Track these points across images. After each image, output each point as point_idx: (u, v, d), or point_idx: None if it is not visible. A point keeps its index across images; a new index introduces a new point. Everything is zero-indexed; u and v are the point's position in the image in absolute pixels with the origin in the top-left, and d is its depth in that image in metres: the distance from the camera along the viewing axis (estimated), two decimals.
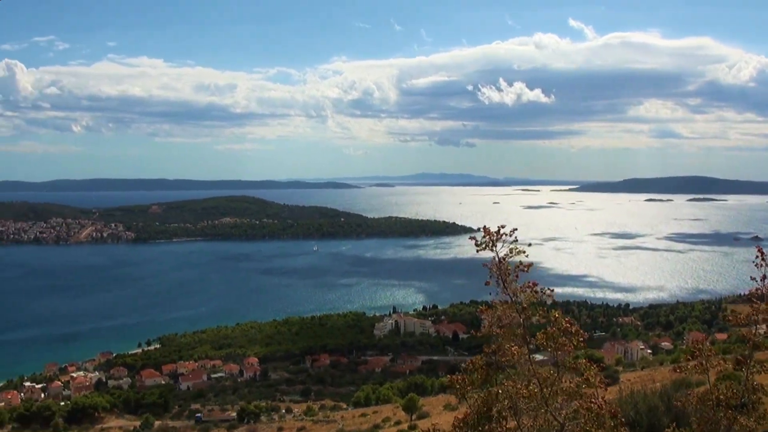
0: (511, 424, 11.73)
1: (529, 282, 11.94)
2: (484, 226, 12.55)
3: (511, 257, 12.05)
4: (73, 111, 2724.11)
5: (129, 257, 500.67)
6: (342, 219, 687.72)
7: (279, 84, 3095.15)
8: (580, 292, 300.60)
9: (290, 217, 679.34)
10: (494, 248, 12.07)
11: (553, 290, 12.14)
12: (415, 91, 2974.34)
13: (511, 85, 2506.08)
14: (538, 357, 12.54)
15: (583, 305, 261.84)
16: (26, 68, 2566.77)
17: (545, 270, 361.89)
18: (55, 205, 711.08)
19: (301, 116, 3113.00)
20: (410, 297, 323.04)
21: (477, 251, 12.25)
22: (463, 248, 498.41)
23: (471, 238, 12.62)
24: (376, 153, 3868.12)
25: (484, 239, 12.22)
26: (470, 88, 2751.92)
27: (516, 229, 12.38)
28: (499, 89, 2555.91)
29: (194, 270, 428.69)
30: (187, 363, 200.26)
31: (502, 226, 12.38)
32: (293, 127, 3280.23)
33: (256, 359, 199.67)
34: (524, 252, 12.03)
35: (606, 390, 11.62)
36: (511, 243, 12.06)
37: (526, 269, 12.01)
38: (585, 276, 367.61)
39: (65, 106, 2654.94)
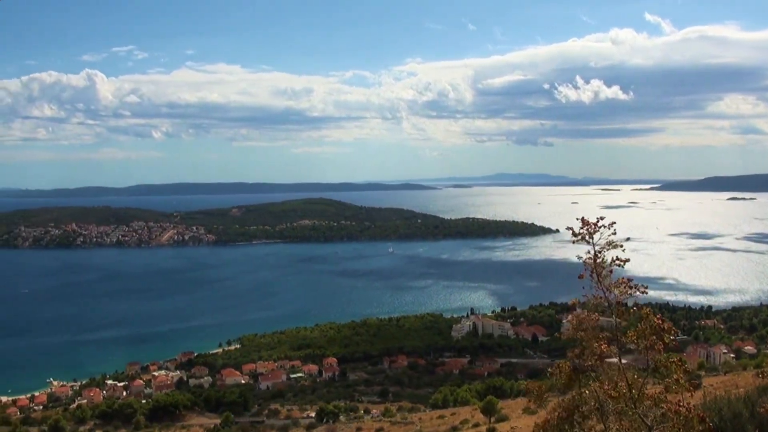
0: (597, 426, 11.37)
1: (622, 278, 11.56)
2: (582, 217, 12.18)
3: (608, 250, 11.67)
4: (152, 118, 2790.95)
5: (208, 259, 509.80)
6: (419, 220, 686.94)
7: (354, 87, 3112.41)
8: (660, 294, 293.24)
9: (367, 219, 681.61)
10: (591, 240, 11.71)
11: (647, 287, 11.73)
12: (491, 91, 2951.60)
13: (588, 82, 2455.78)
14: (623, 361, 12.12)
15: (665, 307, 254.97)
16: (106, 78, 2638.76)
17: (621, 272, 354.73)
18: (137, 209, 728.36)
19: (377, 118, 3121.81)
20: (487, 299, 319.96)
21: (573, 242, 11.90)
22: (541, 249, 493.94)
23: (568, 228, 12.31)
24: (452, 154, 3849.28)
25: (581, 230, 11.86)
26: (547, 86, 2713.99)
27: (614, 222, 12.00)
28: (576, 87, 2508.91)
29: (272, 272, 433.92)
30: (266, 363, 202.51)
31: (601, 218, 12.01)
32: (369, 129, 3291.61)
33: (335, 360, 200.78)
34: (621, 246, 11.65)
35: (692, 394, 11.20)
36: (609, 236, 11.71)
37: (622, 264, 11.62)
38: (663, 278, 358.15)
39: (145, 114, 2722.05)
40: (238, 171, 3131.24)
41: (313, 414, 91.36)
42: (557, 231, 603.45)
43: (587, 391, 11.24)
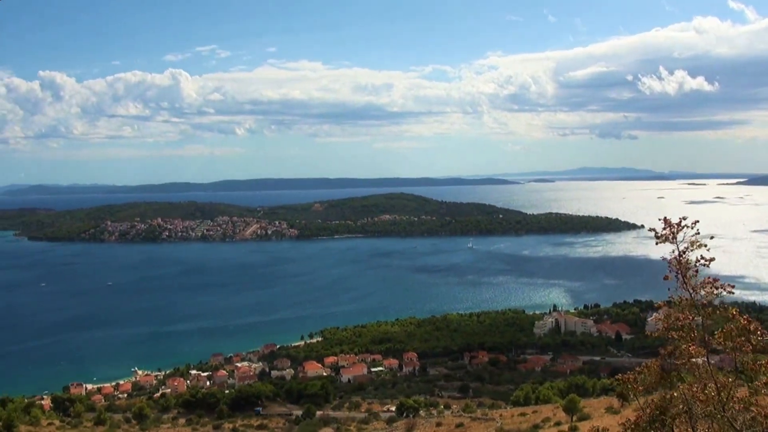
0: (685, 428, 11.15)
1: (708, 278, 11.30)
2: (665, 217, 11.96)
3: (692, 250, 11.43)
4: (236, 115, 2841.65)
5: (289, 254, 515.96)
6: (500, 215, 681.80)
7: (435, 81, 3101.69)
8: (746, 293, 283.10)
9: (448, 214, 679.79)
10: (674, 240, 11.48)
11: (733, 286, 11.46)
12: (573, 84, 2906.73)
13: (672, 73, 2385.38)
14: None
15: (752, 307, 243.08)
16: (190, 76, 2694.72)
17: (707, 271, 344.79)
18: (221, 204, 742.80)
19: (458, 113, 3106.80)
20: (568, 296, 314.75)
21: (656, 243, 11.70)
22: (624, 246, 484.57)
23: (650, 230, 12.09)
24: (534, 148, 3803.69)
25: (664, 231, 11.64)
26: (630, 78, 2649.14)
27: (698, 221, 11.74)
28: (660, 78, 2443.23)
29: (351, 267, 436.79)
30: (347, 356, 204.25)
31: (684, 218, 11.76)
32: (450, 123, 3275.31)
33: (416, 354, 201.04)
34: (706, 246, 11.39)
35: None
36: (693, 236, 11.46)
37: (707, 263, 11.37)
38: (748, 276, 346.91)
39: (228, 111, 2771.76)
40: (320, 166, 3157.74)
41: (393, 408, 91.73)
42: (641, 227, 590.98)
43: (675, 393, 11.04)
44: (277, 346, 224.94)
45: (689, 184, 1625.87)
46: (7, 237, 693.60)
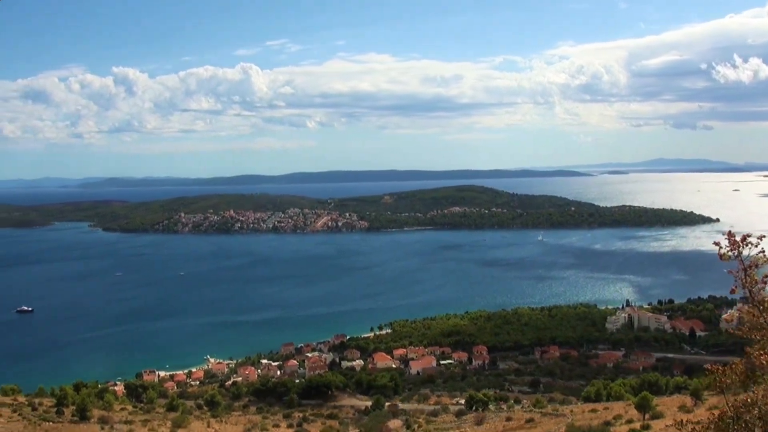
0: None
1: None
2: (729, 232, 11.65)
3: (759, 267, 11.09)
4: (306, 108, 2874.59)
5: (358, 246, 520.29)
6: (572, 208, 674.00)
7: (505, 72, 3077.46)
8: None
9: (519, 207, 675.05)
10: (740, 257, 11.17)
11: None
12: (647, 73, 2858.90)
13: (746, 61, 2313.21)
14: None
15: None
16: (261, 70, 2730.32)
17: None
18: (292, 197, 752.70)
19: (529, 104, 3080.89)
20: (640, 291, 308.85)
21: (720, 259, 11.41)
22: (699, 240, 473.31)
23: (715, 243, 11.78)
24: (607, 139, 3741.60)
25: (728, 250, 11.34)
26: (704, 66, 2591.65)
27: (764, 237, 11.38)
28: (734, 66, 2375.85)
29: (419, 259, 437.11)
30: (417, 348, 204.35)
31: (748, 235, 11.42)
32: (521, 115, 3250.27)
33: (485, 348, 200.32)
34: None
35: None
36: (759, 252, 11.11)
37: None
38: None
39: (299, 104, 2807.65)
40: (389, 159, 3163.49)
41: (462, 401, 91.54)
42: (717, 220, 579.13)
43: (761, 394, 10.71)
44: (347, 337, 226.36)
45: (765, 176, 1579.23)
46: (82, 228, 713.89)
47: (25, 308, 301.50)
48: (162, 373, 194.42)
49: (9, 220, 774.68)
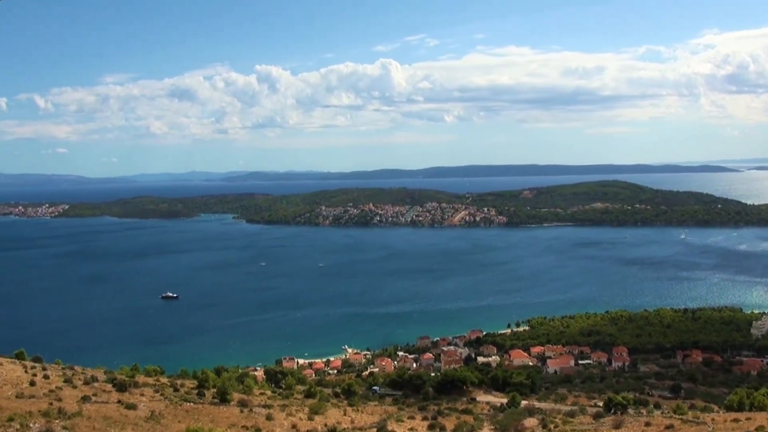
0: None
1: None
2: None
3: None
4: (444, 102, 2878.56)
5: (493, 241, 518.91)
6: (718, 205, 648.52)
7: (648, 62, 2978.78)
8: None
9: (663, 203, 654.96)
10: None
11: None
12: None
13: None
14: None
15: None
16: (400, 66, 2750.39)
17: None
18: (430, 191, 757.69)
19: (673, 95, 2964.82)
20: None
21: None
22: None
23: None
24: (755, 132, 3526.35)
25: None
26: None
27: None
28: None
29: (556, 256, 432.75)
30: (555, 347, 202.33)
31: None
32: (665, 107, 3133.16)
33: (626, 349, 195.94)
34: None
35: None
36: None
37: None
38: None
39: (437, 98, 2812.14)
40: (529, 153, 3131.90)
41: (600, 403, 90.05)
42: None
43: None
44: (483, 333, 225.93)
45: None
46: (226, 220, 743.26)
47: (171, 294, 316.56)
48: (301, 361, 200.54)
49: (157, 211, 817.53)
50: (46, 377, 60.97)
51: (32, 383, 56.75)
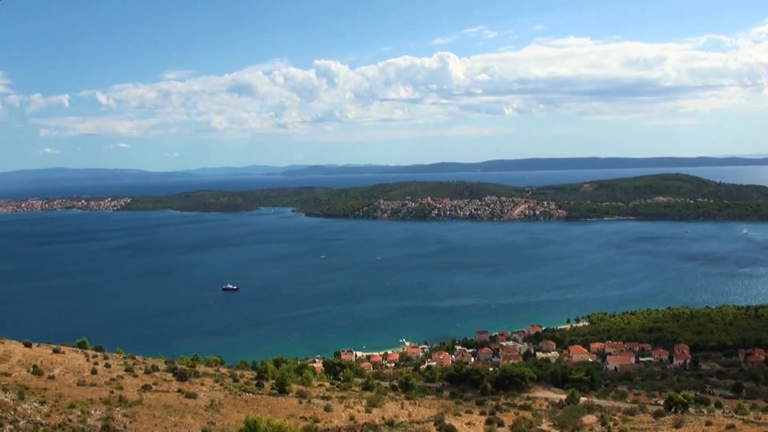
0: None
1: None
2: None
3: None
4: (503, 95, 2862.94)
5: (552, 236, 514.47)
6: None
7: (710, 52, 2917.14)
8: None
9: (726, 197, 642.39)
10: None
11: None
12: None
13: None
14: None
15: None
16: (458, 58, 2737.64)
17: None
18: (489, 184, 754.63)
19: (736, 86, 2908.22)
20: None
21: None
22: None
23: None
24: None
25: None
26: None
27: None
28: None
29: (615, 251, 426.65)
30: (615, 343, 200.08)
31: None
32: (727, 98, 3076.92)
33: (687, 347, 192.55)
34: None
35: None
36: None
37: None
38: None
39: (496, 91, 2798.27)
40: (589, 145, 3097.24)
41: (661, 401, 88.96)
42: None
43: None
44: (543, 328, 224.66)
45: None
46: (286, 213, 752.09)
47: (231, 286, 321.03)
48: (359, 353, 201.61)
49: (218, 204, 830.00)
50: (107, 366, 62.66)
51: (94, 372, 58.35)
